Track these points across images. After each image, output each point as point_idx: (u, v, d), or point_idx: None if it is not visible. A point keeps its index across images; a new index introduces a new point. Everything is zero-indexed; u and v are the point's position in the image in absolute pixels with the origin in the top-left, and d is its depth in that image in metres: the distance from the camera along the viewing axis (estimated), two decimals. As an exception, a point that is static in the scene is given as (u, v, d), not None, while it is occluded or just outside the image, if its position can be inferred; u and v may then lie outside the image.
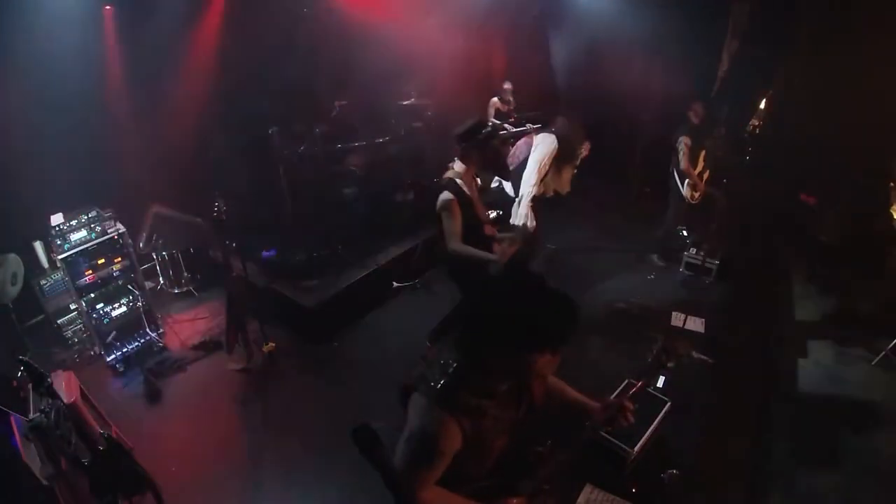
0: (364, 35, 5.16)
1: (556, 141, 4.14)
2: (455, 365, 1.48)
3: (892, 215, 4.00)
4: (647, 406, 2.91)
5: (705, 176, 4.87)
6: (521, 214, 4.14)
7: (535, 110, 6.42)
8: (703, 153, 4.79)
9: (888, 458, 2.95)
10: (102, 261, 3.69)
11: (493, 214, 5.61)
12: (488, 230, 3.01)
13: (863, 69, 4.72)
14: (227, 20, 4.82)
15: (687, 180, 4.75)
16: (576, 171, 4.46)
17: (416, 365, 1.57)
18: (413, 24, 5.31)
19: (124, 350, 3.83)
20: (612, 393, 2.91)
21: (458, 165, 2.96)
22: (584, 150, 4.43)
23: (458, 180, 2.89)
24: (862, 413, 3.26)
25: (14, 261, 3.56)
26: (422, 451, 1.46)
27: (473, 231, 2.88)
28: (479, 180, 3.22)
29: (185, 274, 4.70)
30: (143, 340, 3.92)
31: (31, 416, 2.28)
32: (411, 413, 1.50)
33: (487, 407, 1.49)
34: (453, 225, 2.80)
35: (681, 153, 4.66)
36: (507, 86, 6.02)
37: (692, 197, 4.81)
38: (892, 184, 4.24)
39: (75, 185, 3.94)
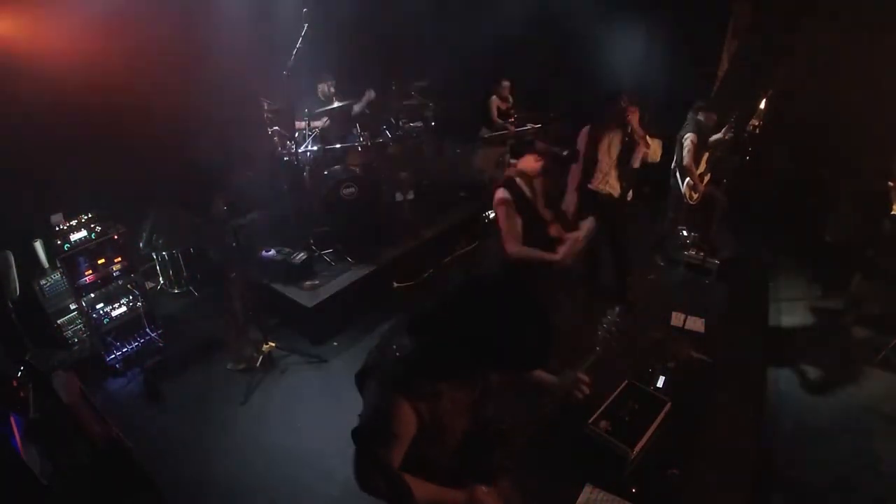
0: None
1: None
2: (411, 350, 1.45)
3: (893, 215, 4.01)
4: (647, 406, 2.90)
5: (706, 178, 4.85)
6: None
7: (534, 110, 6.45)
8: (706, 155, 4.76)
9: (888, 458, 2.96)
10: (102, 261, 3.69)
11: (493, 215, 5.61)
12: (554, 231, 2.87)
13: (864, 67, 4.73)
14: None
15: (687, 179, 4.73)
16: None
17: (369, 352, 1.55)
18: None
19: (124, 350, 3.83)
20: (613, 393, 2.92)
21: (525, 162, 2.83)
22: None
23: (519, 178, 2.78)
24: (862, 413, 3.26)
25: (10, 257, 3.57)
26: (376, 434, 1.43)
27: (536, 232, 2.77)
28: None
29: (185, 274, 4.70)
30: (143, 340, 3.92)
31: (31, 416, 2.28)
32: (366, 398, 1.49)
33: (443, 389, 1.46)
34: (509, 225, 2.69)
35: (685, 150, 4.64)
36: (506, 83, 6.02)
37: (690, 197, 4.80)
38: (891, 184, 4.25)
39: (75, 184, 3.94)
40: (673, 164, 4.85)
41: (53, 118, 3.91)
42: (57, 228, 3.49)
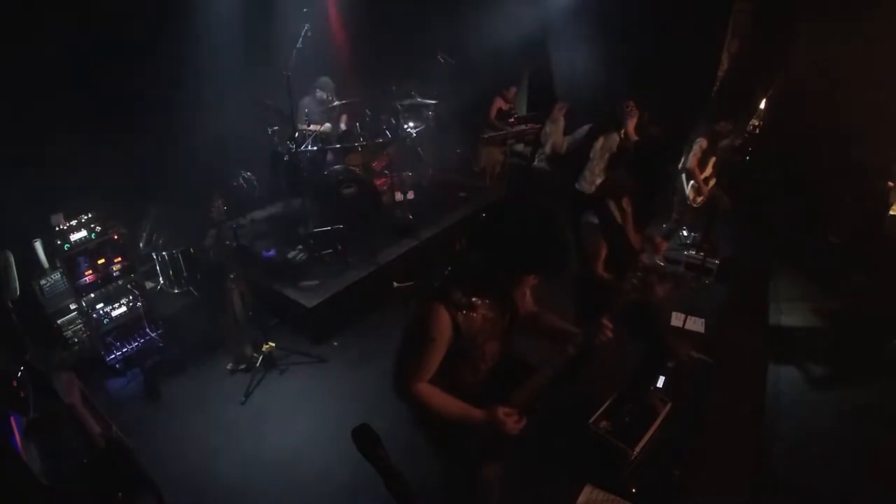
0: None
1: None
2: (449, 269, 1.67)
3: (893, 215, 4.02)
4: (647, 406, 2.91)
5: (711, 182, 4.81)
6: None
7: (534, 110, 6.46)
8: (713, 160, 4.72)
9: (888, 458, 2.96)
10: (102, 261, 3.69)
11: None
12: (646, 259, 2.73)
13: (864, 67, 4.73)
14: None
15: (692, 182, 4.71)
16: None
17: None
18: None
19: (124, 350, 3.83)
20: (614, 394, 2.93)
21: (618, 181, 2.69)
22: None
23: (610, 201, 2.64)
24: (862, 413, 3.26)
25: (10, 257, 3.57)
26: (414, 337, 1.61)
27: (621, 257, 2.61)
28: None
29: (185, 274, 4.70)
30: (143, 340, 3.92)
31: (31, 416, 2.28)
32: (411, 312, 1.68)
33: (477, 304, 1.64)
34: (594, 252, 2.57)
35: (692, 153, 4.62)
36: (513, 88, 6.07)
37: (694, 200, 4.77)
38: (891, 184, 4.26)
39: (75, 184, 3.94)
40: (679, 166, 4.82)
41: (54, 118, 3.91)
42: (57, 228, 3.49)
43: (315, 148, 4.84)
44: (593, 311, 2.02)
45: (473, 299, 1.63)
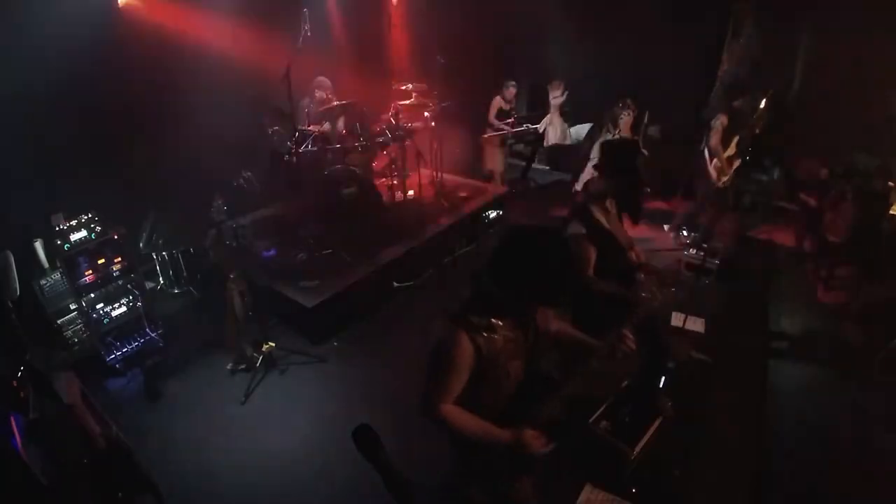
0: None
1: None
2: (470, 293, 1.69)
3: (893, 215, 4.01)
4: (647, 406, 2.91)
5: (735, 163, 4.75)
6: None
7: (534, 110, 6.46)
8: (735, 139, 4.67)
9: (888, 457, 2.96)
10: (102, 261, 3.69)
11: (493, 214, 5.63)
12: (634, 258, 2.73)
13: (864, 67, 4.73)
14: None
15: (714, 161, 4.67)
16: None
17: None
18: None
19: (124, 350, 3.83)
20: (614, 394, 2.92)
21: (596, 185, 2.68)
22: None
23: (594, 206, 2.62)
24: (862, 413, 3.26)
25: (10, 257, 3.56)
26: (437, 362, 1.65)
27: (613, 260, 2.61)
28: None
29: (185, 274, 4.70)
30: (143, 340, 3.92)
31: (31, 416, 2.27)
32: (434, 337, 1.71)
33: (497, 326, 1.67)
34: (584, 258, 2.55)
35: (713, 130, 4.57)
36: (512, 85, 6.06)
37: (718, 179, 4.72)
38: (891, 184, 4.25)
39: (76, 184, 3.94)
40: (702, 146, 4.78)
41: (53, 118, 3.91)
42: (57, 228, 3.49)
43: (315, 148, 4.83)
44: (593, 315, 2.02)
45: (493, 321, 1.66)
